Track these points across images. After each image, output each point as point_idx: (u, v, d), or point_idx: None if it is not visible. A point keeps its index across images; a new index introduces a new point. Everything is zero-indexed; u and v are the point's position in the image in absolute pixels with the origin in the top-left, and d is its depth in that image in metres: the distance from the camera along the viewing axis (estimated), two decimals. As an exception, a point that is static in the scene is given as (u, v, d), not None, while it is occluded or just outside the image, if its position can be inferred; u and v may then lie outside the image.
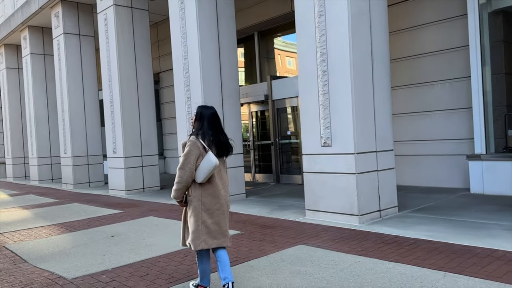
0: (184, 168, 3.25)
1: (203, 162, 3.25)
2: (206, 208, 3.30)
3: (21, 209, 9.34)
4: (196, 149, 3.26)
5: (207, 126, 3.39)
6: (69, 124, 13.07)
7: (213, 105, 8.32)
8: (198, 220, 3.29)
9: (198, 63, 8.26)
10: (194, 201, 3.32)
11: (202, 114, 3.44)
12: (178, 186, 3.30)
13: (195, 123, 3.45)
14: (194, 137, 3.34)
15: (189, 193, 3.35)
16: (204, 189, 3.31)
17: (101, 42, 11.16)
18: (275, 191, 9.75)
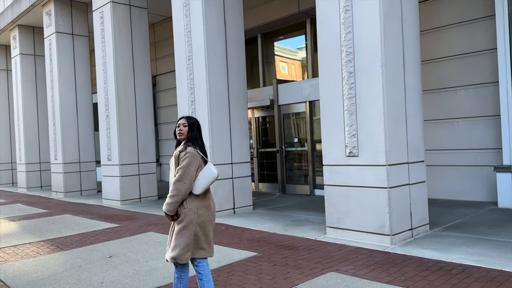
0: (183, 180, 3.15)
1: (203, 173, 3.22)
2: (201, 221, 3.24)
3: (7, 221, 8.56)
4: (196, 161, 3.21)
5: (200, 136, 3.39)
6: (60, 129, 12.31)
7: (220, 109, 7.77)
8: (191, 233, 3.20)
9: (203, 63, 7.61)
10: (190, 214, 3.20)
11: (197, 124, 3.42)
12: (174, 199, 3.19)
13: (190, 131, 3.35)
14: (193, 148, 3.26)
15: (183, 206, 3.22)
16: (200, 201, 3.25)
17: (97, 42, 10.46)
18: (282, 203, 9.09)
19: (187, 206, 3.21)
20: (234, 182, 7.92)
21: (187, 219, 3.19)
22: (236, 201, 7.95)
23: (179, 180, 3.17)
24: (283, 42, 12.25)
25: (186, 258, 3.23)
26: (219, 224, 6.95)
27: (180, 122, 3.39)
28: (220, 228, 6.67)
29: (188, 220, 3.19)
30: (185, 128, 3.34)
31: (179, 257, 3.21)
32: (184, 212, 3.20)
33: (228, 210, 7.81)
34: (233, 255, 5.01)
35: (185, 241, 3.19)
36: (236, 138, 8.00)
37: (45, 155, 14.78)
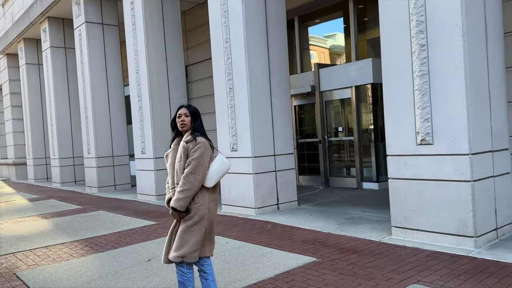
0: (196, 173, 2.94)
1: (214, 164, 3.03)
2: (211, 216, 3.06)
3: (40, 218, 8.22)
4: (209, 151, 3.04)
5: (202, 125, 3.19)
6: (92, 122, 11.97)
7: (260, 95, 7.03)
8: (202, 229, 3.00)
9: (242, 46, 6.93)
10: (202, 209, 2.99)
11: (198, 112, 3.22)
12: (187, 194, 2.94)
13: (194, 121, 3.12)
14: (203, 138, 3.06)
15: (195, 201, 2.99)
16: (210, 195, 3.06)
17: (127, 29, 9.96)
18: (328, 197, 8.36)
19: (198, 200, 2.98)
20: (277, 176, 7.26)
21: (199, 215, 2.97)
22: (280, 196, 7.29)
23: (193, 172, 2.94)
24: (322, 24, 11.41)
25: (195, 257, 3.01)
26: (263, 222, 6.31)
27: (181, 112, 3.15)
28: (266, 226, 6.03)
29: (200, 215, 2.97)
30: (188, 118, 3.12)
31: (188, 255, 2.97)
32: (196, 207, 2.97)
33: (271, 206, 7.16)
34: (288, 260, 4.35)
35: (195, 238, 2.97)
36: (279, 127, 7.32)
37: (78, 149, 14.57)
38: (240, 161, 7.16)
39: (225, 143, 7.43)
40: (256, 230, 5.86)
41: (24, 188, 14.84)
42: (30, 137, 16.84)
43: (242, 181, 7.15)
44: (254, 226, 6.10)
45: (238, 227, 6.11)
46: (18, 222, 7.90)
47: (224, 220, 6.70)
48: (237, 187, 7.26)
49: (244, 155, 7.09)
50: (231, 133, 7.29)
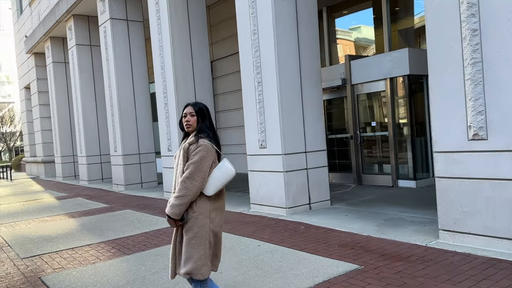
0: (194, 178, 2.67)
1: (216, 171, 2.75)
2: (214, 226, 2.78)
3: (67, 217, 8.13)
4: (210, 156, 2.74)
5: (212, 126, 2.89)
6: (118, 120, 11.88)
7: (290, 89, 6.63)
8: (205, 241, 2.72)
9: (272, 37, 6.59)
10: (201, 219, 2.71)
11: (207, 111, 2.90)
12: (182, 200, 2.68)
13: (200, 121, 2.84)
14: (206, 140, 2.77)
15: (193, 209, 2.72)
16: (212, 203, 2.78)
17: (152, 25, 9.76)
18: (362, 196, 7.95)
19: (197, 209, 2.71)
20: (309, 174, 6.90)
21: (197, 225, 2.70)
22: (312, 196, 6.93)
23: (190, 177, 2.67)
24: (351, 15, 10.95)
25: (202, 274, 2.72)
26: (296, 223, 5.98)
27: (186, 111, 2.87)
28: (299, 228, 5.70)
29: (199, 225, 2.70)
30: (193, 118, 2.84)
31: (194, 272, 2.70)
32: (194, 216, 2.71)
33: (303, 206, 6.82)
34: (328, 267, 4.01)
35: (199, 253, 2.70)
36: (310, 122, 6.96)
37: (105, 147, 14.57)
38: (269, 159, 6.85)
39: (254, 140, 7.12)
40: (289, 232, 5.54)
41: (52, 186, 14.97)
42: (57, 135, 17.00)
43: (272, 180, 6.83)
44: (286, 228, 5.78)
45: (269, 229, 5.81)
46: (45, 221, 7.83)
47: (254, 221, 6.40)
48: (266, 185, 6.95)
49: (274, 152, 6.77)
50: (259, 129, 6.97)
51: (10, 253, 5.54)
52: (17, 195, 12.61)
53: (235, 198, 8.74)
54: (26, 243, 6.04)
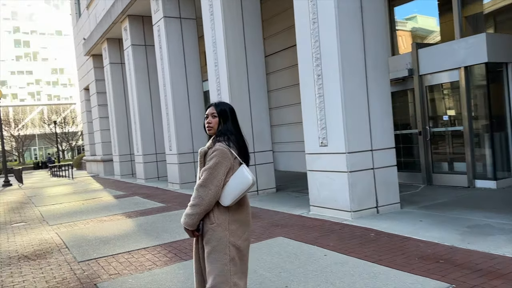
0: (207, 186, 2.43)
1: (234, 178, 2.48)
2: (235, 240, 2.51)
3: (124, 217, 8.08)
4: (227, 162, 2.47)
5: (236, 128, 2.63)
6: (173, 119, 11.83)
7: (354, 81, 5.93)
8: (224, 256, 2.47)
9: (333, 25, 6.06)
10: (219, 231, 2.48)
11: (231, 112, 2.65)
12: (196, 210, 2.47)
13: (222, 123, 2.58)
14: (224, 145, 2.51)
15: (210, 220, 2.50)
16: (232, 213, 2.52)
17: (205, 21, 9.51)
18: (435, 198, 7.20)
19: (215, 220, 2.49)
20: (376, 174, 6.30)
21: (215, 238, 2.47)
22: (379, 198, 6.33)
23: (203, 185, 2.45)
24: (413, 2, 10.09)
25: None
26: (364, 229, 5.42)
27: (208, 112, 2.64)
28: (368, 235, 5.15)
29: (217, 238, 2.47)
30: (215, 119, 2.59)
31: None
32: (212, 228, 2.48)
33: (369, 209, 6.23)
34: (412, 285, 3.45)
35: (217, 268, 2.45)
36: (377, 117, 6.35)
37: (160, 145, 14.67)
38: (331, 158, 6.33)
39: (313, 138, 6.63)
40: (357, 239, 5.01)
41: (111, 184, 15.30)
42: (115, 135, 17.41)
43: (334, 180, 6.31)
44: (353, 234, 5.24)
45: (334, 235, 5.30)
46: (103, 221, 7.81)
47: (316, 225, 5.92)
48: (328, 186, 6.44)
49: (336, 150, 6.23)
50: (319, 126, 6.46)
51: (68, 255, 5.45)
52: (77, 194, 12.96)
53: (292, 199, 8.30)
54: (84, 245, 5.96)
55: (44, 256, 5.50)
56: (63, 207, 10.09)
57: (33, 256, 5.56)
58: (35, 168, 42.41)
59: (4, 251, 5.99)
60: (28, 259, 5.40)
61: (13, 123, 54.73)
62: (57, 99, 75.69)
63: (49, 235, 6.92)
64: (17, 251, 5.92)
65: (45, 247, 6.03)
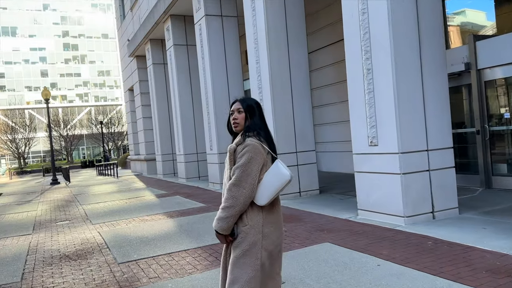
0: (241, 185, 2.21)
1: (269, 175, 2.26)
2: (268, 244, 2.28)
3: (165, 217, 7.98)
4: (260, 157, 2.26)
5: (263, 123, 2.44)
6: (214, 118, 11.70)
7: (408, 75, 5.22)
8: (255, 261, 2.24)
9: (385, 15, 5.63)
10: (252, 234, 2.25)
11: (258, 107, 2.46)
12: (230, 212, 2.24)
13: (249, 118, 2.39)
14: (255, 139, 2.29)
15: (243, 221, 2.26)
16: (266, 215, 2.29)
17: (247, 17, 9.28)
18: (496, 203, 6.58)
19: (248, 221, 2.29)
20: (431, 176, 5.80)
21: (247, 241, 2.28)
22: (436, 202, 5.82)
23: (236, 184, 2.25)
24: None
25: None
26: (419, 237, 4.96)
27: (233, 108, 2.47)
28: (425, 243, 4.69)
29: (250, 242, 2.27)
30: (241, 115, 2.43)
31: None
32: (244, 231, 2.28)
33: (424, 215, 5.74)
34: (484, 305, 3.02)
35: (247, 274, 2.25)
36: (433, 115, 5.85)
37: (201, 145, 14.63)
38: (382, 158, 5.89)
39: (361, 137, 6.21)
40: (413, 247, 4.57)
41: (153, 183, 15.43)
42: (158, 134, 17.58)
43: (385, 183, 5.86)
44: (408, 242, 4.80)
45: (386, 242, 4.88)
46: (145, 220, 7.74)
47: (365, 231, 5.51)
48: (378, 189, 6.00)
49: (387, 150, 5.79)
50: (369, 124, 6.04)
51: (108, 256, 5.36)
52: (121, 192, 13.12)
53: (337, 202, 7.89)
54: (125, 245, 5.86)
55: (85, 257, 5.44)
56: (107, 206, 10.19)
57: (74, 256, 5.52)
58: (83, 167, 44.04)
59: (47, 249, 6.01)
60: (69, 259, 5.36)
61: (62, 123, 57.19)
62: (104, 100, 78.48)
63: (91, 234, 6.91)
64: (59, 250, 5.92)
65: (86, 247, 5.99)
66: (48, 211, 10.23)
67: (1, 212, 10.79)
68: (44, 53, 75.93)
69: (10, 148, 51.72)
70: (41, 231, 7.58)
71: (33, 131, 54.46)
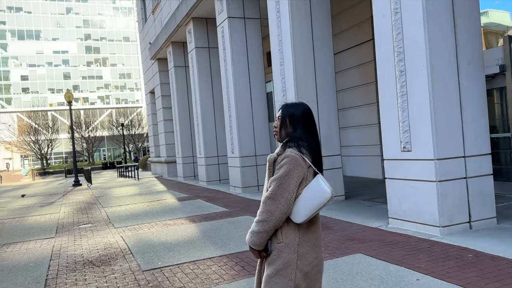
0: (276, 199, 2.06)
1: (308, 190, 2.08)
2: (304, 265, 2.11)
3: (188, 221, 7.85)
4: (299, 170, 2.09)
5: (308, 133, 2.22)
6: (236, 121, 11.55)
7: (445, 77, 4.75)
8: (288, 282, 2.08)
9: (420, 14, 5.37)
10: (286, 252, 2.10)
11: (302, 114, 2.23)
12: (264, 227, 2.09)
13: (288, 126, 2.22)
14: (295, 150, 2.13)
15: (277, 238, 2.11)
16: (303, 233, 2.13)
17: (271, 18, 9.10)
18: (537, 212, 6.22)
19: (282, 238, 2.13)
20: (468, 184, 5.50)
21: (281, 260, 2.11)
22: (473, 212, 5.51)
23: (272, 198, 2.10)
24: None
25: None
26: (458, 249, 4.68)
27: (277, 114, 2.31)
28: (465, 256, 4.41)
29: (283, 261, 2.11)
30: (277, 125, 2.30)
31: None
32: (278, 248, 2.13)
33: (461, 225, 5.44)
34: (544, 330, 2.75)
35: None
36: (470, 119, 5.56)
37: (222, 148, 14.51)
38: (416, 164, 5.61)
39: (393, 142, 5.95)
40: (453, 260, 4.29)
41: (174, 186, 15.38)
42: (179, 137, 17.55)
43: (419, 190, 5.59)
44: (447, 254, 4.53)
45: (423, 254, 4.62)
46: (167, 225, 7.62)
47: (399, 241, 5.24)
48: (411, 197, 5.73)
49: (422, 156, 5.52)
50: (401, 129, 5.78)
51: (132, 263, 5.24)
52: (142, 195, 13.09)
53: (364, 209, 7.62)
54: (148, 251, 5.74)
55: (109, 263, 5.33)
56: (129, 209, 10.13)
57: (98, 262, 5.42)
58: (104, 168, 44.59)
59: (70, 254, 5.93)
60: (93, 265, 5.26)
61: (84, 125, 58.10)
62: (125, 103, 79.52)
63: (114, 238, 6.82)
64: (83, 255, 5.83)
65: (110, 252, 5.89)
66: (71, 213, 10.24)
67: (25, 214, 10.86)
68: (66, 56, 77.43)
69: (33, 149, 52.79)
70: (64, 234, 7.55)
71: (55, 132, 55.48)
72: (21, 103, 72.89)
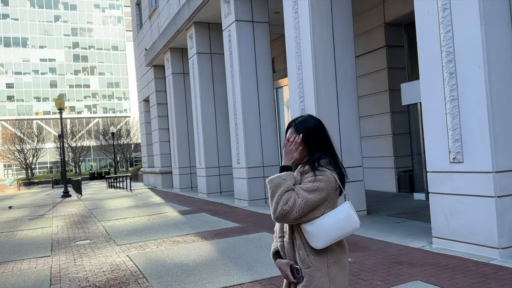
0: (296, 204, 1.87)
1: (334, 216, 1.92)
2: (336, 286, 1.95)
3: (199, 238, 7.09)
4: (329, 192, 1.94)
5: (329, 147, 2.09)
6: (242, 129, 10.87)
7: (506, 78, 3.91)
8: None
9: (475, 10, 4.81)
10: (317, 276, 1.92)
11: (320, 126, 2.08)
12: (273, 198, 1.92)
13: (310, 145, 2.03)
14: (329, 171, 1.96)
15: (306, 263, 1.93)
16: (331, 253, 1.96)
17: (288, 20, 8.50)
18: None
19: (311, 262, 1.91)
20: (529, 199, 4.89)
21: (314, 286, 1.89)
22: None
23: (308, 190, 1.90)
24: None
25: None
26: (534, 275, 4.04)
27: (287, 136, 2.06)
28: (549, 284, 3.77)
29: (317, 285, 1.88)
30: (296, 138, 2.03)
31: None
32: (309, 273, 1.90)
33: (522, 245, 4.81)
34: None
35: None
36: (529, 127, 4.97)
37: (223, 158, 13.79)
38: (468, 178, 5.00)
39: (440, 152, 5.33)
40: (538, 291, 3.65)
41: (172, 198, 14.55)
42: (176, 147, 16.78)
43: (473, 207, 4.96)
44: (524, 282, 3.89)
45: (493, 282, 3.96)
46: (177, 242, 6.85)
47: (454, 265, 4.59)
48: (462, 215, 5.10)
49: (476, 169, 4.91)
50: (451, 137, 5.17)
51: (150, 290, 4.48)
52: (139, 208, 12.25)
53: (395, 226, 6.96)
54: (163, 274, 4.98)
55: (121, 290, 4.55)
56: (128, 223, 9.31)
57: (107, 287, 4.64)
58: (91, 179, 43.27)
59: (72, 278, 5.13)
60: (103, 293, 4.48)
61: (71, 134, 56.68)
62: (112, 112, 78.15)
63: (119, 258, 6.03)
64: (88, 279, 5.03)
65: (118, 275, 5.11)
66: (65, 227, 9.37)
67: (14, 228, 9.94)
68: (54, 64, 76.03)
69: (18, 158, 51.16)
70: (61, 252, 6.72)
71: (41, 141, 53.95)
72: (5, 111, 71.03)
